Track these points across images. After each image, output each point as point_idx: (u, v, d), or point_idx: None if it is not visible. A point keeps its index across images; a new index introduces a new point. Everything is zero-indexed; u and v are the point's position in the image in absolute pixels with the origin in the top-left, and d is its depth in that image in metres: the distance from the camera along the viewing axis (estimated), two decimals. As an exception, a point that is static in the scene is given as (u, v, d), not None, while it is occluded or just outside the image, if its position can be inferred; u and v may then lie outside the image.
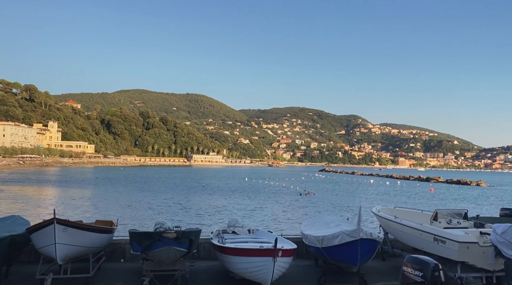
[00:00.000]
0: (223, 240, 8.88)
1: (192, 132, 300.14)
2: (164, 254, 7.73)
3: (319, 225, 10.48)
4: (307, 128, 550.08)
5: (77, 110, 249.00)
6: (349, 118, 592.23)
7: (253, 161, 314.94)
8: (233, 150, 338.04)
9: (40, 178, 73.82)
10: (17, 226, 9.29)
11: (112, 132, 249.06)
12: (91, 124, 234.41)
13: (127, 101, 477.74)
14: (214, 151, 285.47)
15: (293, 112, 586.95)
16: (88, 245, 8.16)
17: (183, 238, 7.73)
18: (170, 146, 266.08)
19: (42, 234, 7.58)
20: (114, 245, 10.30)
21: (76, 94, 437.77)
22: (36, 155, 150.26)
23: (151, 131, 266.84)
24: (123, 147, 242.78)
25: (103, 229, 8.92)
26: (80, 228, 7.91)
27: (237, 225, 10.63)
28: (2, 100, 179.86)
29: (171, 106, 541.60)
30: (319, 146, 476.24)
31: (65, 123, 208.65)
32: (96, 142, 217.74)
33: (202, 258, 10.42)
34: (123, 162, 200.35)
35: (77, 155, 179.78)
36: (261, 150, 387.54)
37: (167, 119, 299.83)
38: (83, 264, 8.55)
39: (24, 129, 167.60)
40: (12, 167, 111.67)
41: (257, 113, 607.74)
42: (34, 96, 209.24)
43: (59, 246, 7.43)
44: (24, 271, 8.92)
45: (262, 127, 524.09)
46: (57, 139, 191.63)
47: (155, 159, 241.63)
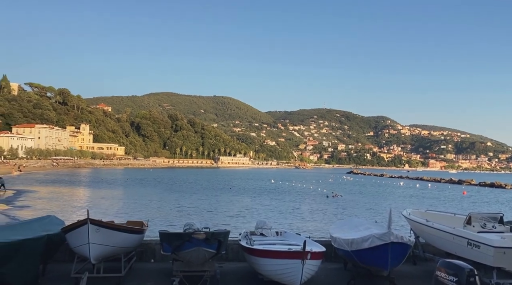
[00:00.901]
0: (251, 242, 8.91)
1: (219, 134, 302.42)
2: (194, 255, 7.81)
3: (348, 228, 10.37)
4: (335, 130, 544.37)
5: (108, 113, 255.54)
6: (377, 119, 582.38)
7: (280, 163, 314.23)
8: (260, 152, 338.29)
9: (73, 179, 76.07)
10: (53, 226, 9.60)
11: (142, 134, 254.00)
12: (121, 127, 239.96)
13: (156, 104, 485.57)
14: (241, 153, 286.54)
15: (320, 114, 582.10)
16: (120, 245, 8.34)
17: (212, 239, 7.80)
18: (198, 148, 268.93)
19: (76, 234, 7.80)
20: (145, 246, 10.49)
21: (107, 97, 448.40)
22: (69, 157, 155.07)
23: (179, 133, 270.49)
24: (152, 149, 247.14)
25: (134, 230, 9.11)
26: (112, 229, 8.10)
27: (265, 227, 10.64)
28: (38, 104, 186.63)
29: (199, 108, 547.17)
30: (347, 148, 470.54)
31: (97, 126, 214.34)
32: (126, 144, 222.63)
33: (231, 260, 10.48)
34: (152, 163, 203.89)
35: (108, 157, 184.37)
36: (287, 152, 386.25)
37: (195, 122, 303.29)
38: (115, 264, 8.73)
39: (58, 131, 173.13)
40: (47, 168, 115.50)
41: (283, 115, 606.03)
42: (67, 99, 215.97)
43: (93, 245, 7.62)
44: (60, 269, 9.17)
45: (289, 129, 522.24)
46: (88, 141, 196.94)
47: (183, 161, 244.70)
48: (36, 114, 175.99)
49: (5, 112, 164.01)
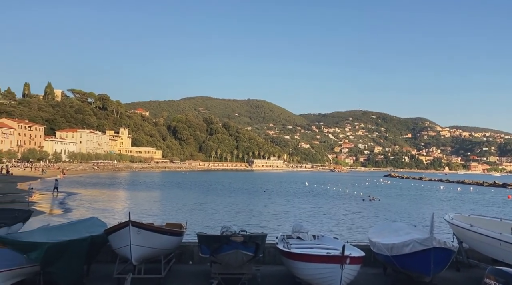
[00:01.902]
0: (289, 245, 8.88)
1: (253, 137, 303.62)
2: (232, 257, 7.88)
3: (388, 233, 10.15)
4: (371, 132, 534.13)
5: (145, 118, 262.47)
6: (415, 121, 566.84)
7: (314, 166, 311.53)
8: (294, 154, 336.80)
9: (113, 182, 78.47)
10: (95, 228, 9.94)
11: (178, 138, 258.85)
12: (158, 131, 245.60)
13: (192, 108, 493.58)
14: (275, 155, 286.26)
15: (355, 116, 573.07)
16: (160, 247, 8.51)
17: (250, 242, 7.85)
18: (232, 151, 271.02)
19: (118, 235, 8.01)
20: (183, 248, 10.66)
21: (145, 102, 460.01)
22: (108, 161, 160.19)
23: (214, 137, 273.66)
24: (188, 152, 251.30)
25: (174, 232, 9.27)
26: (152, 231, 8.28)
27: (301, 231, 10.58)
28: (79, 109, 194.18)
29: (233, 112, 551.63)
30: (384, 151, 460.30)
31: (135, 130, 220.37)
32: (163, 148, 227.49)
33: (268, 263, 10.48)
34: (188, 166, 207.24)
35: (146, 160, 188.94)
36: (322, 154, 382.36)
37: (230, 125, 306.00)
38: (155, 265, 8.92)
39: (98, 136, 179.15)
40: (88, 171, 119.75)
41: (317, 117, 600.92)
42: (107, 105, 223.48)
43: (134, 247, 7.81)
44: (102, 270, 9.46)
45: (323, 132, 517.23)
46: (127, 145, 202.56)
47: (218, 163, 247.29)
48: (78, 119, 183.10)
49: (49, 118, 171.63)
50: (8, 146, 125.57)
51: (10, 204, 30.57)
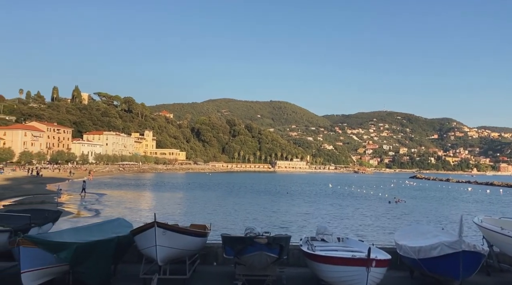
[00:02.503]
0: (313, 248, 8.82)
1: (276, 138, 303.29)
2: (256, 259, 7.88)
3: (414, 235, 9.96)
4: (396, 133, 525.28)
5: (169, 120, 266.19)
6: (442, 122, 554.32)
7: (338, 168, 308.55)
8: (317, 156, 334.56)
9: (138, 183, 79.79)
10: (122, 228, 10.11)
11: (201, 140, 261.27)
12: (182, 133, 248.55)
13: (215, 110, 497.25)
14: (298, 157, 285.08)
15: (379, 116, 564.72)
16: (184, 247, 8.58)
17: (274, 244, 7.83)
18: (255, 152, 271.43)
19: (144, 236, 8.12)
20: (208, 249, 10.71)
21: (169, 105, 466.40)
22: (134, 162, 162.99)
23: (237, 138, 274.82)
24: (212, 154, 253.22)
25: (198, 233, 9.34)
26: (178, 232, 8.36)
27: (326, 233, 10.50)
28: (105, 112, 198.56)
29: (256, 113, 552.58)
30: (409, 152, 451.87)
31: (159, 132, 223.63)
32: (187, 150, 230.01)
33: (291, 265, 10.43)
34: (211, 168, 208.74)
35: (170, 162, 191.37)
36: (346, 156, 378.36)
37: (252, 126, 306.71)
38: (180, 266, 9.00)
39: (124, 138, 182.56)
40: (114, 173, 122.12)
41: (341, 118, 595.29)
42: (132, 107, 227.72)
43: (160, 248, 7.90)
44: (129, 270, 9.60)
45: (347, 133, 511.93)
46: (152, 147, 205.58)
47: (241, 165, 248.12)
48: (104, 122, 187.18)
49: (77, 121, 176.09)
50: (38, 148, 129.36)
51: (40, 204, 31.49)
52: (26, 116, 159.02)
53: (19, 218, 9.87)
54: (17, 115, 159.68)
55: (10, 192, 43.41)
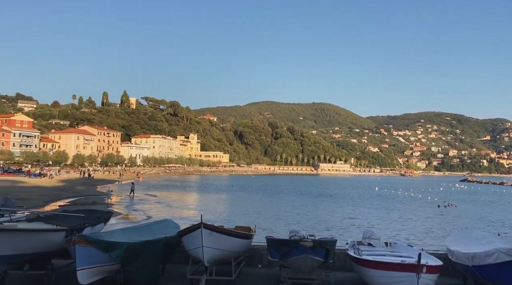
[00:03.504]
0: (360, 252, 8.65)
1: (318, 141, 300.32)
2: (302, 262, 7.82)
3: (467, 241, 9.51)
4: (445, 134, 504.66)
5: (213, 123, 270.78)
6: (495, 122, 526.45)
7: (383, 170, 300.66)
8: (361, 158, 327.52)
9: (184, 185, 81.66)
10: (169, 229, 10.37)
11: (244, 142, 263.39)
12: (225, 135, 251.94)
13: (257, 113, 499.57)
14: (341, 159, 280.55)
15: (427, 117, 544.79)
16: (230, 249, 8.66)
17: (319, 247, 7.75)
18: (298, 155, 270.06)
19: (191, 237, 8.27)
20: (252, 251, 10.73)
21: (212, 108, 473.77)
22: (179, 165, 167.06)
23: (279, 141, 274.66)
24: (254, 156, 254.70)
25: (243, 235, 9.41)
26: (223, 233, 8.45)
27: (373, 237, 10.26)
28: (152, 116, 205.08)
29: (298, 116, 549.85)
30: (459, 154, 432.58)
31: (203, 135, 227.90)
32: (230, 152, 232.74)
33: (337, 269, 10.27)
34: (254, 170, 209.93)
35: (214, 164, 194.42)
36: (391, 158, 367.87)
37: (294, 129, 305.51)
38: (226, 268, 9.08)
39: (170, 141, 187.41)
40: (161, 175, 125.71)
41: (386, 120, 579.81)
42: (178, 111, 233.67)
43: (206, 249, 8.00)
44: (176, 270, 9.79)
45: (393, 134, 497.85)
46: (197, 150, 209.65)
47: (283, 167, 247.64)
48: (151, 125, 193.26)
49: (125, 124, 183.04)
50: (89, 151, 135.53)
51: (91, 205, 32.94)
52: (78, 120, 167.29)
53: (74, 218, 10.35)
54: (70, 120, 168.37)
55: (64, 193, 45.76)
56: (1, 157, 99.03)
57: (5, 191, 38.62)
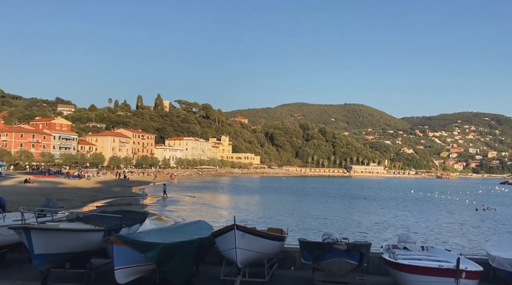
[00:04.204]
0: (395, 256, 8.49)
1: (351, 142, 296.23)
2: (335, 265, 7.75)
3: (509, 246, 9.14)
4: (483, 135, 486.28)
5: (244, 125, 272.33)
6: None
7: (419, 172, 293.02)
8: (395, 160, 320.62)
9: (216, 186, 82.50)
10: (203, 230, 10.49)
11: (275, 144, 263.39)
12: (256, 137, 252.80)
13: (288, 115, 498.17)
14: (375, 161, 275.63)
15: (464, 118, 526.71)
16: (263, 251, 8.68)
17: (353, 250, 7.66)
18: (329, 156, 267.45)
19: (224, 238, 8.34)
20: (285, 253, 10.69)
21: (243, 110, 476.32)
22: (211, 166, 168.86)
23: (311, 142, 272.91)
24: (285, 158, 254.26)
25: (276, 237, 9.40)
26: (256, 235, 8.48)
27: (408, 241, 10.03)
28: (185, 119, 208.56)
29: (329, 117, 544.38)
30: (499, 156, 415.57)
31: (235, 137, 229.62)
32: (261, 154, 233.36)
33: (371, 273, 10.10)
34: (285, 172, 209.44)
35: (245, 166, 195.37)
36: (427, 160, 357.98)
37: (326, 130, 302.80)
38: (259, 269, 9.10)
39: (202, 143, 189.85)
40: (193, 177, 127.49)
41: (421, 121, 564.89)
42: (210, 113, 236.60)
43: (239, 250, 8.05)
44: (209, 271, 9.86)
45: (428, 136, 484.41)
46: (228, 152, 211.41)
47: (315, 169, 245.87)
48: (184, 128, 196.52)
49: (159, 127, 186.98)
50: (124, 153, 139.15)
51: (127, 206, 33.76)
52: (114, 123, 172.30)
53: (111, 219, 10.64)
54: (106, 123, 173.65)
55: (101, 194, 47.17)
56: (42, 159, 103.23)
57: (46, 192, 40.27)
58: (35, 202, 28.59)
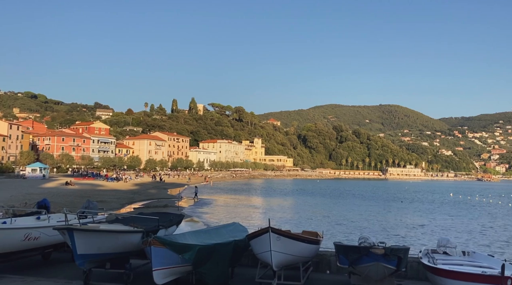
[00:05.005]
0: (435, 261, 8.26)
1: (386, 144, 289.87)
2: (372, 270, 7.63)
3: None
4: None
5: (277, 127, 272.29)
6: None
7: (458, 175, 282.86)
8: (433, 162, 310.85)
9: (249, 188, 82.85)
10: (238, 232, 10.57)
11: (308, 146, 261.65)
12: (289, 140, 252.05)
13: (321, 116, 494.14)
14: (411, 163, 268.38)
15: (506, 118, 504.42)
16: (298, 254, 8.66)
17: (391, 255, 7.51)
18: (364, 159, 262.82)
19: (259, 241, 8.38)
20: (320, 256, 10.64)
21: (276, 113, 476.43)
22: (245, 168, 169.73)
23: (345, 144, 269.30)
24: (319, 160, 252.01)
25: (311, 240, 9.35)
26: (291, 238, 8.47)
27: (448, 245, 9.73)
28: (218, 122, 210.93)
29: (364, 118, 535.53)
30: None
31: (267, 139, 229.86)
32: (294, 156, 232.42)
33: (410, 278, 9.89)
34: (318, 174, 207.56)
35: (278, 168, 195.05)
36: (467, 162, 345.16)
37: (360, 132, 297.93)
38: (294, 272, 9.08)
39: (235, 146, 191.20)
40: (227, 179, 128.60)
41: (460, 121, 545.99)
42: (242, 116, 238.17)
43: (274, 253, 8.06)
44: (244, 273, 9.94)
45: (468, 137, 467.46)
46: (261, 154, 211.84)
47: (349, 172, 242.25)
48: (217, 131, 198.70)
49: (193, 130, 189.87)
50: (160, 156, 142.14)
51: (163, 208, 34.44)
52: (150, 127, 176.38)
53: (149, 220, 10.91)
54: (143, 126, 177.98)
55: (138, 196, 48.35)
56: (82, 162, 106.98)
57: (86, 194, 41.74)
58: (76, 203, 29.72)
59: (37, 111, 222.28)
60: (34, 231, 9.68)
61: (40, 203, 13.41)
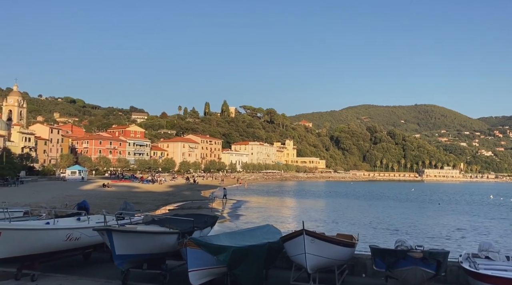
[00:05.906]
0: (476, 265, 7.97)
1: (422, 145, 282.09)
2: (410, 274, 7.45)
3: None
4: None
5: (309, 129, 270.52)
6: None
7: (499, 176, 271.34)
8: (472, 163, 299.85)
9: (282, 190, 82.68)
10: (271, 234, 10.56)
11: (341, 148, 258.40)
12: (321, 141, 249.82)
13: (354, 117, 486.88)
14: (449, 165, 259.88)
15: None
16: (333, 257, 8.56)
17: (430, 259, 7.32)
18: (399, 160, 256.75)
19: (293, 243, 8.34)
20: (356, 259, 10.48)
21: (308, 114, 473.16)
22: (276, 170, 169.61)
23: (379, 146, 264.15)
24: (352, 162, 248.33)
25: (346, 243, 9.24)
26: (325, 241, 8.39)
27: (491, 250, 9.35)
28: (250, 124, 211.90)
29: (399, 119, 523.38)
30: None
31: (299, 141, 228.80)
32: (327, 158, 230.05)
33: (449, 283, 9.58)
34: (352, 176, 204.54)
35: (310, 170, 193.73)
36: (509, 163, 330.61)
37: (395, 133, 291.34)
38: (329, 275, 8.98)
39: (267, 147, 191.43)
40: (259, 180, 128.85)
41: (501, 121, 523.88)
42: (274, 118, 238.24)
43: (309, 256, 8.01)
44: (278, 275, 9.91)
45: (509, 137, 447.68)
46: (293, 156, 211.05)
47: (384, 174, 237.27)
48: (249, 133, 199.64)
49: (225, 132, 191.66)
50: (193, 158, 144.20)
51: (197, 209, 34.91)
52: (184, 129, 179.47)
53: (184, 222, 11.07)
54: (176, 129, 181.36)
55: (173, 198, 49.24)
56: (118, 165, 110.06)
57: (123, 196, 42.88)
58: (114, 205, 30.57)
59: (76, 115, 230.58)
60: (75, 232, 10.01)
61: (80, 204, 13.85)
